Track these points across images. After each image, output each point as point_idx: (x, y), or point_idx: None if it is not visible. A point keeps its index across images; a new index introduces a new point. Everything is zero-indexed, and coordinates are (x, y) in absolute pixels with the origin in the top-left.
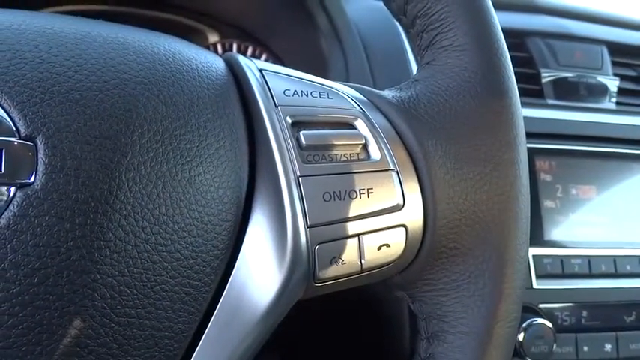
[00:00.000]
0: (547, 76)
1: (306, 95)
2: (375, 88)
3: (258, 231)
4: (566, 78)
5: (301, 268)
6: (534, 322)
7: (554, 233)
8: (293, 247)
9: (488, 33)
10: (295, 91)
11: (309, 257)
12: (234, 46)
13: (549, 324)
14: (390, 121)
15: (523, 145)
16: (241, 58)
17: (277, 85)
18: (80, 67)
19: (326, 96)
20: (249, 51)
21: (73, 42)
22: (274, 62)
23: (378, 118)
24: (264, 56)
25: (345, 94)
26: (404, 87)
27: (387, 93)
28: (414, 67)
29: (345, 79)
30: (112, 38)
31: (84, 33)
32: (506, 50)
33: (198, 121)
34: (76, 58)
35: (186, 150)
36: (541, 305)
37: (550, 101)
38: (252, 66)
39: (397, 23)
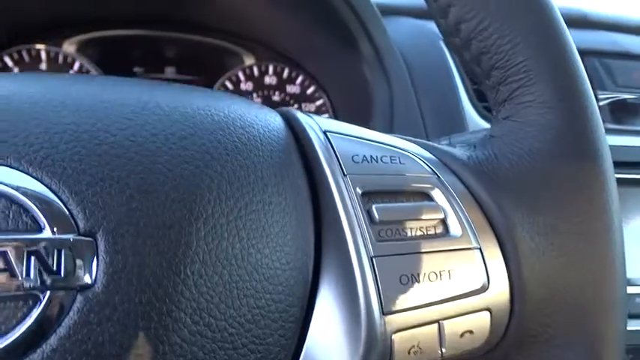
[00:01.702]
0: (604, 98)
1: (376, 161)
2: (423, 116)
3: (327, 317)
4: (625, 100)
5: None
6: None
7: None
8: (367, 338)
9: (577, 88)
10: (364, 156)
11: (384, 348)
12: (271, 68)
13: None
14: (467, 187)
15: (617, 207)
16: (301, 116)
17: (345, 151)
18: (140, 146)
19: (397, 161)
20: (286, 72)
21: (131, 115)
22: (311, 84)
23: (454, 184)
24: (300, 78)
25: (416, 155)
26: (479, 144)
27: (461, 152)
28: (463, 95)
29: (390, 106)
30: (170, 108)
31: (142, 103)
32: (596, 106)
33: (264, 197)
34: (136, 137)
35: (252, 231)
36: None
37: (608, 125)
38: (315, 127)
39: (443, 46)
